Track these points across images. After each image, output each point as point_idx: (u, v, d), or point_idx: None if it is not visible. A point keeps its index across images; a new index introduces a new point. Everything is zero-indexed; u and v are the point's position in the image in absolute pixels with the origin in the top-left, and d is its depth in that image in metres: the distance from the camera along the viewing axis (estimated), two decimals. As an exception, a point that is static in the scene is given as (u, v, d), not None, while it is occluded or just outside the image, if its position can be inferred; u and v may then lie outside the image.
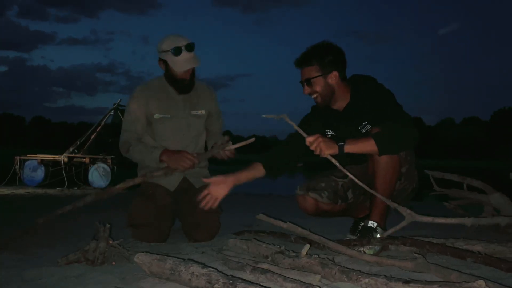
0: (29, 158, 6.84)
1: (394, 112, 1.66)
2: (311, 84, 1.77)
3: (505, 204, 1.96)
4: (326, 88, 1.76)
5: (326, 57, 1.75)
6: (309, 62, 1.76)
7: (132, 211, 1.97)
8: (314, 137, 1.55)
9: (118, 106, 7.42)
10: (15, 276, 1.37)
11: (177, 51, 1.87)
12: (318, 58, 1.75)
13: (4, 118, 73.48)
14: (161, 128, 2.01)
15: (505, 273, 1.20)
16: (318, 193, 1.81)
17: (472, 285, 0.97)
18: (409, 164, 1.75)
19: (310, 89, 1.78)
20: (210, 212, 1.96)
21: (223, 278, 1.04)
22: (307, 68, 1.77)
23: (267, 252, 1.43)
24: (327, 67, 1.75)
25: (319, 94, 1.77)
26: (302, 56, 1.78)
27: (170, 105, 2.02)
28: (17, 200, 4.52)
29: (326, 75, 1.75)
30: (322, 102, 1.80)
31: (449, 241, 1.44)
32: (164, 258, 1.21)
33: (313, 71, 1.76)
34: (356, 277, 1.11)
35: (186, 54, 1.89)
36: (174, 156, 1.87)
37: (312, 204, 1.83)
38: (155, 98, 2.00)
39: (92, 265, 1.45)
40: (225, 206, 2.00)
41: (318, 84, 1.76)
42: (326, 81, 1.76)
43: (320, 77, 1.75)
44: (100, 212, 2.90)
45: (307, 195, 1.83)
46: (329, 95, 1.78)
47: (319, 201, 1.81)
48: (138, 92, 2.02)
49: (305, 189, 1.84)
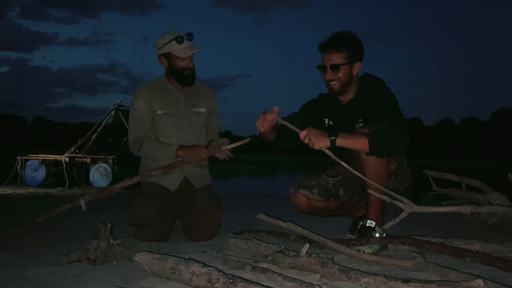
0: (30, 158, 6.85)
1: (391, 117, 1.66)
2: (337, 69, 1.74)
3: (504, 203, 1.96)
4: (349, 77, 1.76)
5: (354, 46, 1.74)
6: (338, 47, 1.73)
7: (133, 211, 1.98)
8: (305, 131, 1.56)
9: (119, 106, 7.44)
10: (16, 275, 1.37)
11: (180, 39, 1.96)
12: (348, 45, 1.73)
13: (6, 118, 73.59)
14: (164, 124, 2.05)
15: (503, 272, 1.21)
16: (309, 190, 1.83)
17: (471, 284, 0.97)
18: (398, 162, 1.75)
19: (333, 74, 1.75)
20: (210, 212, 1.98)
21: (223, 277, 1.04)
22: (336, 53, 1.74)
23: (267, 252, 1.43)
24: (354, 56, 1.75)
25: (340, 81, 1.76)
26: (331, 40, 1.75)
27: (172, 102, 2.07)
28: (18, 200, 4.53)
29: (352, 64, 1.75)
30: (338, 90, 1.78)
31: (448, 241, 1.44)
32: (164, 258, 1.22)
33: (340, 57, 1.73)
34: (355, 276, 1.11)
35: (188, 42, 1.98)
36: (190, 150, 1.90)
37: (304, 201, 1.85)
38: (157, 96, 2.06)
39: (93, 264, 1.45)
40: (225, 206, 2.01)
41: (343, 71, 1.74)
42: (351, 70, 1.75)
43: (347, 65, 1.74)
44: (101, 211, 2.91)
45: (298, 192, 1.85)
46: (348, 84, 1.78)
47: (311, 198, 1.83)
48: (141, 90, 2.07)
49: (296, 187, 1.86)
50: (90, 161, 6.88)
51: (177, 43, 1.96)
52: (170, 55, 1.99)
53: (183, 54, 1.96)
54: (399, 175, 1.78)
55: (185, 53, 1.96)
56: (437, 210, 1.39)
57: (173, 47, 1.96)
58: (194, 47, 1.99)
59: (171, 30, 2.01)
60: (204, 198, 2.02)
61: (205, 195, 2.03)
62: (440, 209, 1.40)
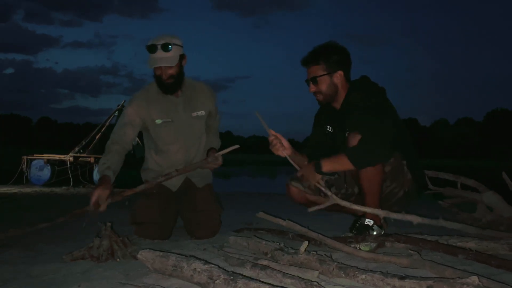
0: (35, 158, 6.92)
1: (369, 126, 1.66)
2: (316, 82, 1.80)
3: (498, 202, 1.98)
4: (331, 87, 1.81)
5: (332, 56, 1.78)
6: (315, 61, 1.79)
7: (136, 210, 2.00)
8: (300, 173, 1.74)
9: (122, 107, 7.48)
10: (22, 272, 1.40)
11: (151, 48, 1.87)
12: (325, 57, 1.78)
13: (12, 118, 74.00)
14: (164, 132, 2.01)
15: (496, 269, 1.22)
16: (301, 183, 1.88)
17: (465, 281, 0.98)
18: (394, 166, 1.76)
19: (315, 87, 1.82)
20: (211, 210, 2.00)
21: (224, 274, 1.05)
22: (314, 66, 1.80)
23: (267, 249, 1.45)
24: (333, 66, 1.79)
25: (322, 93, 1.81)
26: (309, 55, 1.82)
27: (170, 109, 2.01)
28: (24, 198, 4.57)
29: (332, 74, 1.79)
30: (323, 100, 1.85)
31: (443, 238, 1.45)
32: (167, 255, 1.23)
33: (319, 70, 1.79)
34: (353, 273, 1.13)
35: (160, 53, 1.86)
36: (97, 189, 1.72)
37: (295, 193, 1.92)
38: (155, 103, 1.99)
39: (97, 261, 1.47)
40: (226, 204, 2.03)
41: (324, 83, 1.80)
42: (332, 80, 1.79)
43: (326, 76, 1.79)
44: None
45: (290, 184, 1.91)
46: (332, 94, 1.82)
47: (301, 190, 1.89)
48: (137, 98, 2.00)
49: (290, 179, 1.93)
50: (94, 160, 6.93)
51: (148, 51, 1.88)
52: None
53: (149, 64, 1.88)
54: (396, 179, 1.78)
55: (151, 63, 1.88)
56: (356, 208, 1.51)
57: (148, 54, 1.90)
58: (162, 60, 1.86)
59: (162, 34, 1.91)
60: (205, 196, 2.03)
61: (206, 194, 2.04)
62: (357, 207, 1.51)
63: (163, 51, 1.86)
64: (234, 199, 4.35)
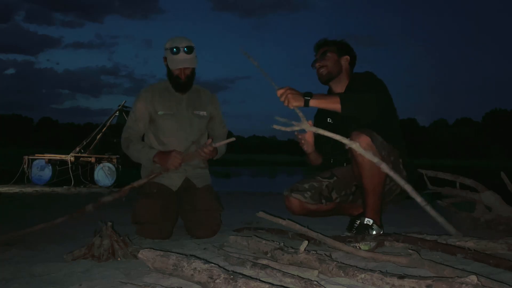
0: (37, 158, 6.93)
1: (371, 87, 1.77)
2: (325, 56, 1.93)
3: (496, 201, 1.98)
4: (336, 64, 1.94)
5: (342, 44, 1.97)
6: (328, 44, 1.98)
7: (137, 210, 2.01)
8: (283, 90, 1.66)
9: (123, 107, 7.50)
10: (23, 271, 1.40)
11: (175, 50, 2.00)
12: (336, 43, 1.98)
13: (13, 118, 74.14)
14: (165, 124, 2.09)
15: (494, 268, 1.23)
16: (301, 194, 1.87)
17: (464, 280, 0.98)
18: (393, 164, 1.76)
19: (322, 62, 1.94)
20: (211, 210, 2.01)
21: (224, 273, 1.06)
22: (325, 47, 1.97)
23: (267, 249, 1.45)
24: (342, 52, 1.96)
25: (327, 67, 1.92)
26: (323, 40, 1.99)
27: (173, 104, 2.11)
28: (25, 198, 4.58)
29: (340, 55, 1.95)
30: (325, 75, 1.93)
31: (442, 238, 1.46)
32: (167, 254, 1.24)
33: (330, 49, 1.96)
34: (352, 273, 1.13)
35: (183, 55, 2.00)
36: (165, 156, 1.98)
37: (296, 205, 1.91)
38: (159, 96, 2.11)
39: (97, 261, 1.48)
40: (226, 204, 2.03)
41: (331, 59, 1.93)
42: (339, 59, 1.94)
43: (335, 54, 1.94)
44: (105, 209, 2.94)
45: (290, 196, 1.89)
46: (335, 72, 1.93)
47: (303, 201, 1.88)
48: (144, 92, 2.13)
49: (289, 191, 1.91)
50: (95, 160, 6.95)
51: (171, 53, 2.00)
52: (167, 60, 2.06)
53: (172, 65, 2.01)
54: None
55: (174, 65, 2.01)
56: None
57: (169, 56, 2.02)
58: (186, 62, 2.00)
59: (179, 37, 2.04)
60: (205, 196, 2.05)
61: (206, 193, 2.06)
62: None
63: (185, 53, 1.99)
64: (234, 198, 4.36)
